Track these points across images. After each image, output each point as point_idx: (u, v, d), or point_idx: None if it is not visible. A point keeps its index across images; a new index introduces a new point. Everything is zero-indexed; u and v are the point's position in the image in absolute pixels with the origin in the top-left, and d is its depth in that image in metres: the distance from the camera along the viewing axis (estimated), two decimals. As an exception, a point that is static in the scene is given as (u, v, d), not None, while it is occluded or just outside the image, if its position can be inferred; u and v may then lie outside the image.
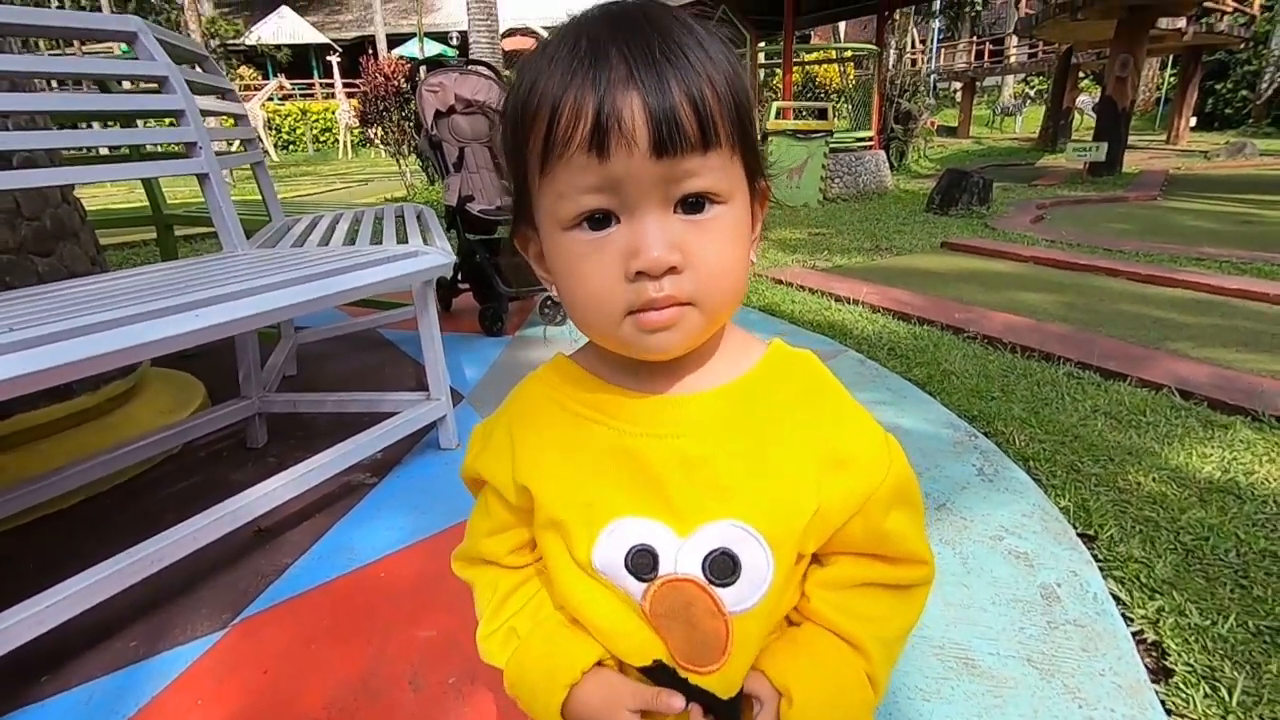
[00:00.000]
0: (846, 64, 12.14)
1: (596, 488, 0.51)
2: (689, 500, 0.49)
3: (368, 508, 1.82)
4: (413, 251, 1.85)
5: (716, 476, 0.50)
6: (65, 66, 1.65)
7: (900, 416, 2.25)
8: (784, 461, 0.50)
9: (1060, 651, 1.24)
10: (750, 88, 0.49)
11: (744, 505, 0.49)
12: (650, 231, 0.44)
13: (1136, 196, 7.85)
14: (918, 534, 0.55)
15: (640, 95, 0.41)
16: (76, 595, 1.22)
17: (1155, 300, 3.79)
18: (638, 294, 0.44)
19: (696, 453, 0.50)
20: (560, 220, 0.46)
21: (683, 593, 0.49)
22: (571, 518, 0.51)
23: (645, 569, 0.50)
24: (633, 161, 0.42)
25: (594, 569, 0.51)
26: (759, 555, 0.49)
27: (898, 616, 0.56)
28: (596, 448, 0.52)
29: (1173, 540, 1.62)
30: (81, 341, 1.16)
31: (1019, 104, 22.64)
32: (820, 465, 0.51)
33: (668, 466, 0.50)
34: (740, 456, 0.50)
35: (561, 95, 0.42)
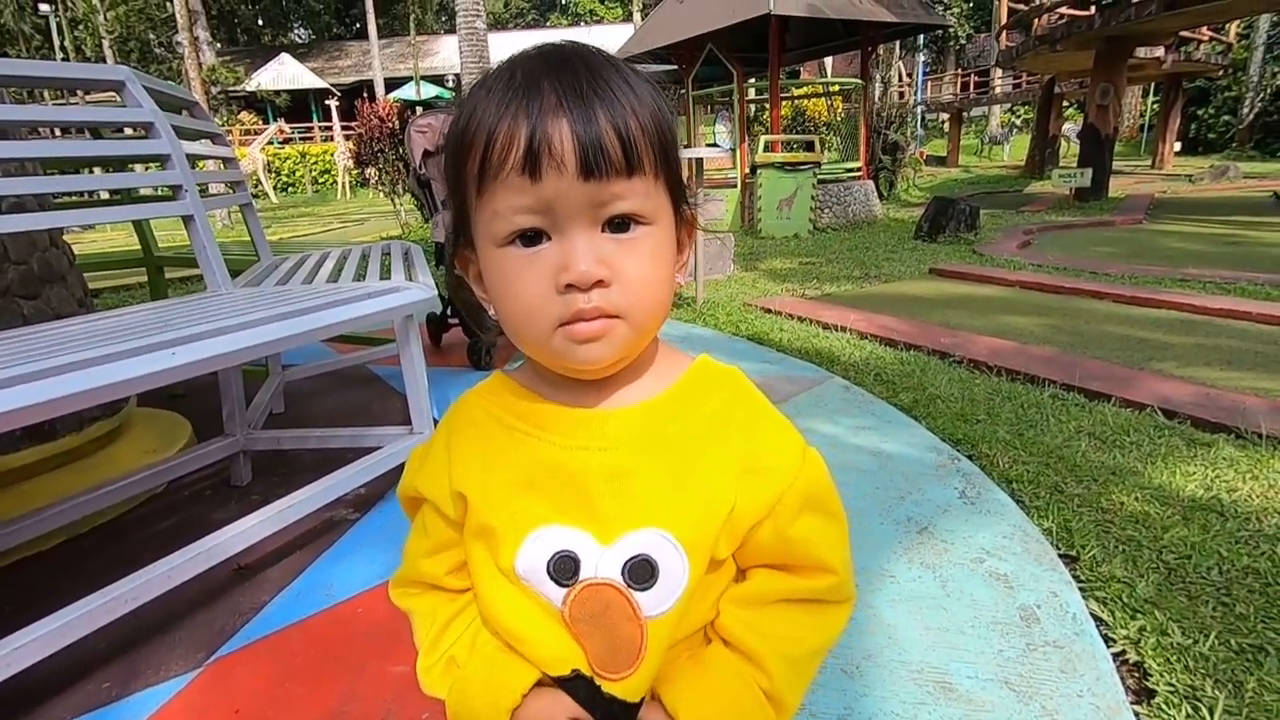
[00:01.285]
0: (834, 98, 12.40)
1: (526, 498, 0.53)
2: (613, 511, 0.51)
3: (349, 544, 1.81)
4: (395, 287, 1.88)
5: (640, 488, 0.51)
6: (55, 115, 1.69)
7: (884, 441, 2.26)
8: (705, 472, 0.52)
9: (1038, 673, 1.23)
10: (674, 125, 0.52)
11: (666, 515, 0.51)
12: (579, 247, 0.47)
13: (1122, 220, 7.95)
14: (829, 543, 0.55)
15: (569, 122, 0.45)
16: (48, 636, 1.21)
17: (1140, 321, 3.82)
18: (567, 306, 0.47)
19: (622, 465, 0.51)
20: (495, 238, 0.48)
21: (602, 596, 0.50)
22: (499, 525, 0.53)
23: (566, 574, 0.51)
24: (562, 183, 0.45)
25: (517, 575, 0.52)
26: (676, 561, 0.50)
27: (808, 634, 0.55)
28: (528, 460, 0.53)
29: (1155, 559, 1.62)
30: (58, 380, 1.17)
31: (1006, 133, 23.07)
32: (737, 472, 0.52)
33: (595, 478, 0.51)
34: (664, 468, 0.52)
35: (497, 122, 0.46)
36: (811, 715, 1.16)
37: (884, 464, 2.08)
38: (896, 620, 1.39)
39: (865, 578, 1.53)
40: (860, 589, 1.50)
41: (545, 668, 0.53)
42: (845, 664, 1.27)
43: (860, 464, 2.10)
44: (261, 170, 18.16)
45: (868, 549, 1.65)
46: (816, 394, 2.73)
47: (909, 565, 1.57)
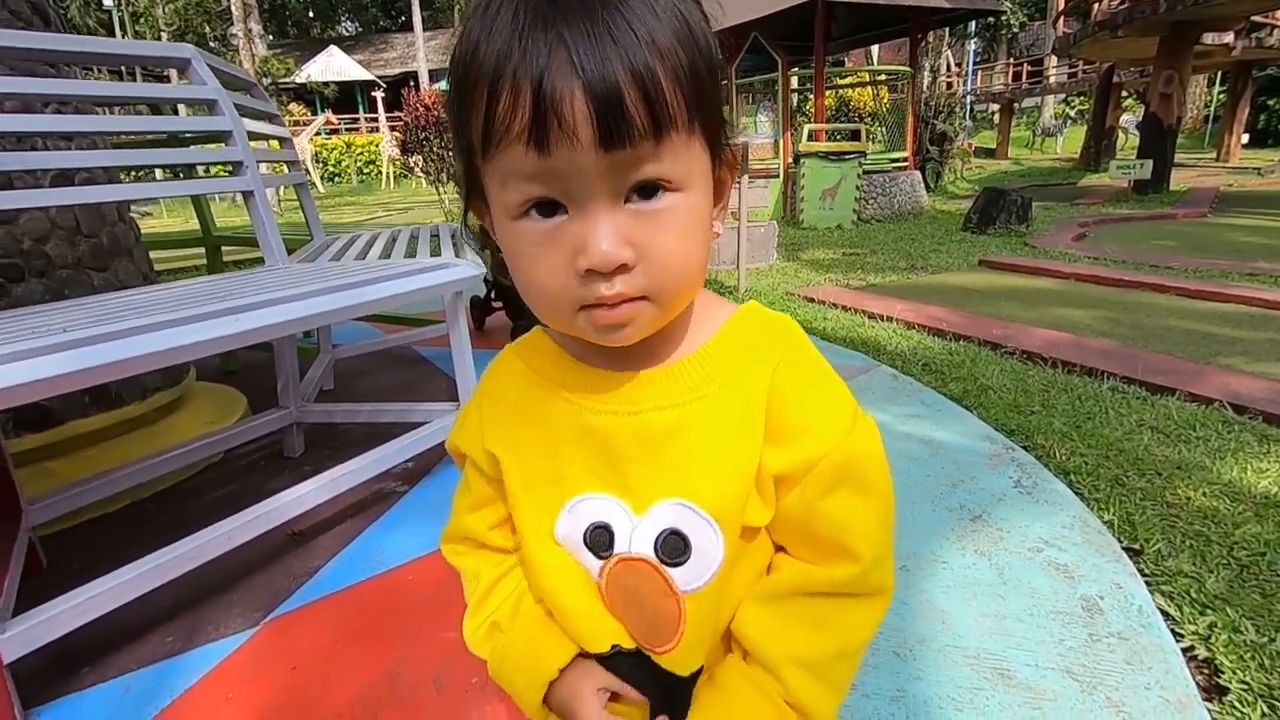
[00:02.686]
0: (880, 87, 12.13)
1: (560, 463, 0.51)
2: (644, 478, 0.49)
3: (398, 514, 1.84)
4: (444, 264, 1.90)
5: (669, 455, 0.48)
6: (124, 91, 1.75)
7: (935, 430, 2.20)
8: (736, 436, 0.48)
9: (1103, 664, 1.18)
10: (714, 52, 0.44)
11: (694, 484, 0.48)
12: (599, 227, 0.40)
13: (1185, 214, 7.61)
14: (859, 526, 0.48)
15: (583, 83, 0.37)
16: (116, 589, 1.26)
17: (1206, 316, 3.65)
18: (588, 290, 0.42)
19: (652, 430, 0.48)
20: (506, 209, 0.43)
21: (636, 572, 0.49)
22: (536, 491, 0.52)
23: (602, 546, 0.50)
24: (576, 155, 0.39)
25: (557, 540, 0.52)
26: (709, 535, 0.48)
27: (829, 636, 0.50)
28: (561, 423, 0.51)
29: (1225, 555, 1.55)
30: (129, 341, 1.21)
31: (1060, 124, 22.28)
32: (771, 433, 0.48)
33: (626, 444, 0.49)
34: (694, 433, 0.48)
35: (498, 74, 0.38)
36: (864, 696, 1.14)
37: (935, 452, 2.03)
38: (950, 606, 1.35)
39: (916, 563, 1.50)
40: (911, 574, 1.46)
41: (585, 644, 0.51)
42: (897, 646, 1.24)
43: (910, 451, 2.05)
44: (309, 160, 18.57)
45: (918, 535, 1.61)
46: (863, 382, 2.67)
47: (962, 552, 1.53)
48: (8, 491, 1.56)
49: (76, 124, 1.60)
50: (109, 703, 1.22)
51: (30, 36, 1.55)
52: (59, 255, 1.90)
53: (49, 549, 1.65)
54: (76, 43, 1.63)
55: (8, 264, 1.78)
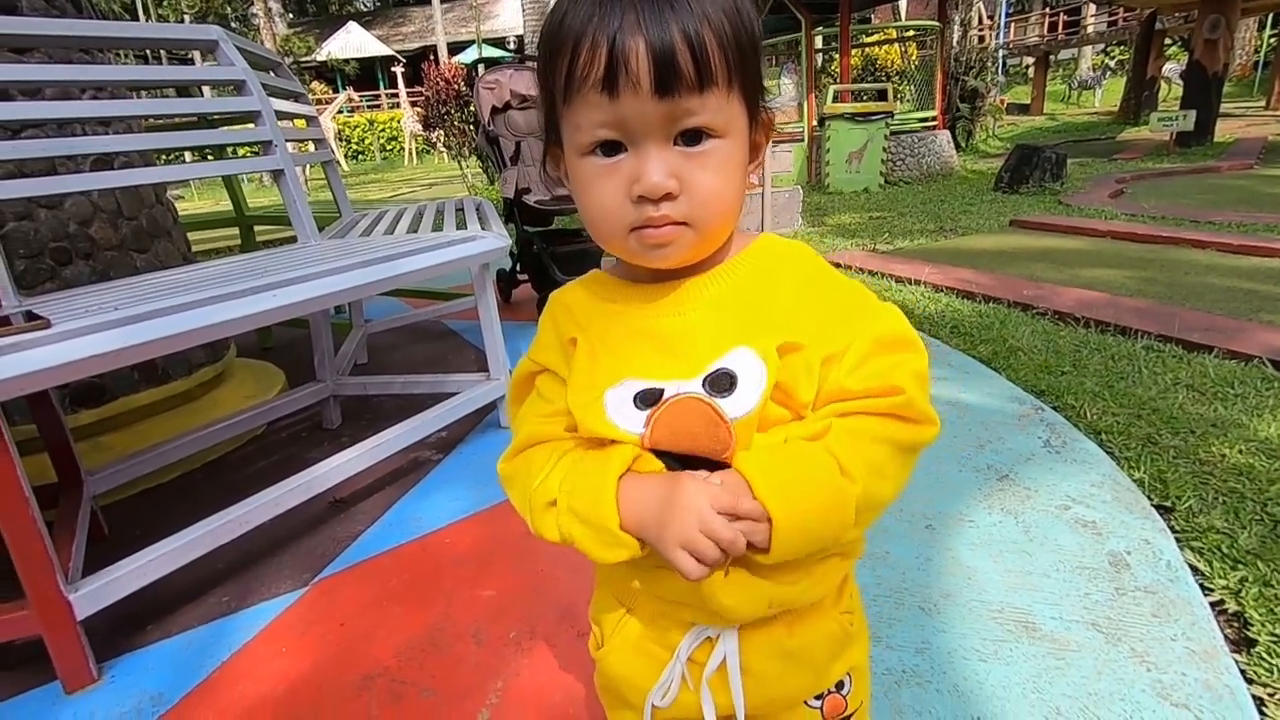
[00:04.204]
0: (908, 43, 11.76)
1: (619, 358, 0.57)
2: (694, 358, 0.54)
3: (433, 481, 1.91)
4: (471, 236, 1.93)
5: (713, 335, 0.55)
6: (156, 74, 1.79)
7: (963, 391, 2.19)
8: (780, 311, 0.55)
9: (1128, 617, 1.19)
10: (755, 25, 0.53)
11: (742, 335, 0.54)
12: (651, 162, 0.50)
13: (1230, 166, 7.31)
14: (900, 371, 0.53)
15: (645, 41, 0.46)
16: (174, 552, 1.34)
17: (1248, 272, 3.54)
18: (639, 213, 0.51)
19: (697, 321, 0.55)
20: (579, 148, 0.52)
21: (685, 409, 0.52)
22: (599, 366, 0.57)
23: (649, 401, 0.54)
24: (638, 101, 0.48)
25: (604, 408, 0.54)
26: (754, 366, 0.52)
27: (881, 434, 0.53)
28: (618, 329, 0.58)
29: (1259, 511, 1.53)
30: (177, 318, 1.27)
31: (1098, 76, 21.34)
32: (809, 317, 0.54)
33: (678, 337, 0.55)
34: (740, 315, 0.55)
35: (580, 36, 0.48)
36: (889, 648, 1.17)
37: (962, 413, 2.03)
38: (976, 563, 1.37)
39: (943, 521, 1.52)
40: (937, 531, 1.48)
41: None
42: (923, 601, 1.27)
43: (937, 413, 2.04)
44: (332, 139, 18.69)
45: (945, 494, 1.62)
46: (890, 346, 2.66)
47: (988, 511, 1.54)
48: (70, 464, 1.65)
49: (114, 109, 1.65)
50: (172, 656, 1.30)
51: (66, 24, 1.60)
52: (103, 238, 1.97)
53: (109, 518, 1.75)
54: (109, 28, 1.68)
55: (56, 247, 1.86)
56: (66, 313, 1.31)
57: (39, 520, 1.16)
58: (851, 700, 0.65)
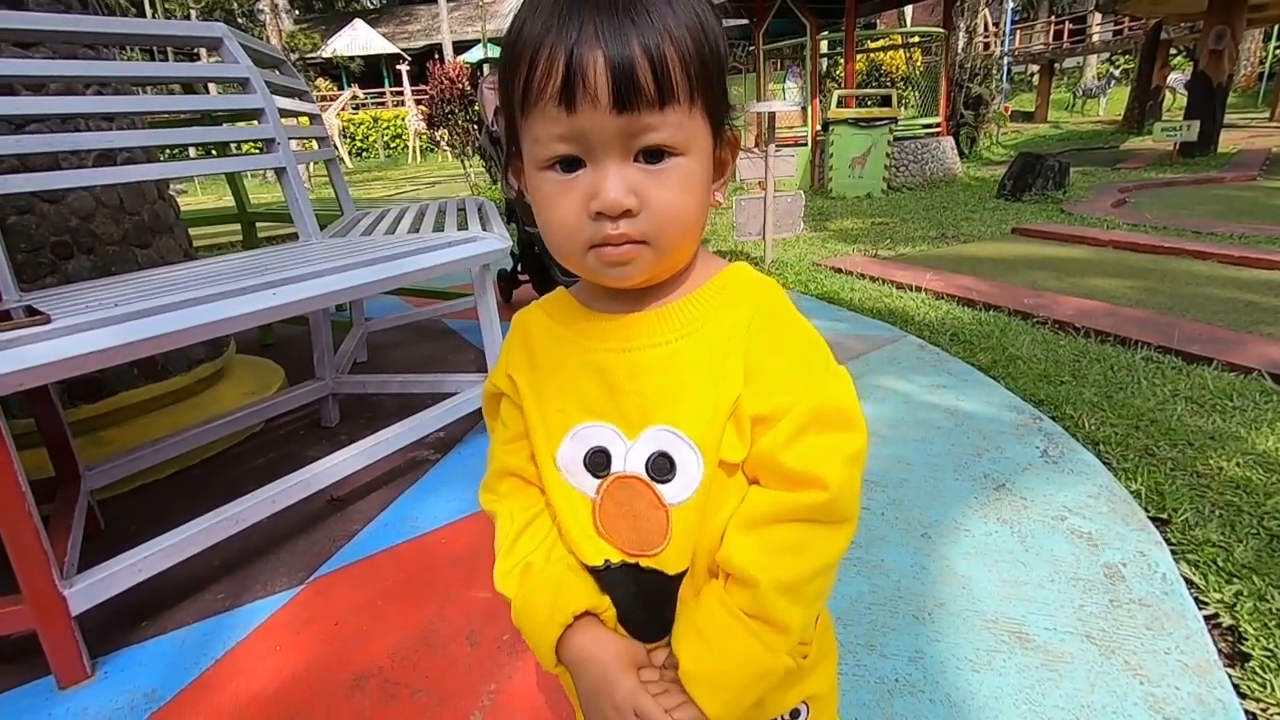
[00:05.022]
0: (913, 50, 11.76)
1: (568, 394, 0.58)
2: (636, 407, 0.55)
3: (430, 481, 1.91)
4: (472, 237, 1.93)
5: (656, 386, 0.55)
6: (162, 71, 1.79)
7: (961, 400, 2.19)
8: (715, 374, 0.53)
9: (1122, 629, 1.19)
10: (720, 44, 0.52)
11: (676, 412, 0.54)
12: (609, 178, 0.49)
13: (1233, 177, 7.32)
14: (829, 458, 0.52)
15: (604, 54, 0.45)
16: (170, 548, 1.34)
17: (1248, 284, 3.54)
18: (597, 230, 0.50)
19: (642, 364, 0.55)
20: (536, 161, 0.51)
21: (629, 488, 0.55)
22: (548, 418, 0.58)
23: (600, 467, 0.56)
24: (596, 115, 0.47)
25: (557, 467, 0.57)
26: (690, 457, 0.54)
27: (799, 558, 0.53)
28: (570, 360, 0.58)
29: (1256, 525, 1.53)
30: (177, 315, 1.27)
31: (1103, 85, 21.35)
32: (750, 381, 0.53)
33: (621, 377, 0.55)
34: (678, 367, 0.54)
35: (538, 48, 0.47)
36: (883, 656, 1.17)
37: (960, 422, 2.03)
38: (971, 572, 1.37)
39: (938, 530, 1.52)
40: (932, 540, 1.48)
41: (584, 558, 0.57)
42: (917, 610, 1.27)
43: (935, 421, 2.05)
44: (336, 136, 18.72)
45: (940, 503, 1.62)
46: (889, 352, 2.66)
47: (984, 520, 1.54)
48: (68, 458, 1.65)
49: (118, 104, 1.65)
50: (167, 653, 1.30)
51: (73, 19, 1.60)
52: (105, 232, 1.97)
53: (105, 512, 1.75)
54: (114, 24, 1.68)
55: (58, 241, 1.86)
56: (67, 308, 1.31)
57: (35, 515, 1.16)
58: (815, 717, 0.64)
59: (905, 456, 1.85)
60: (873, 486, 1.71)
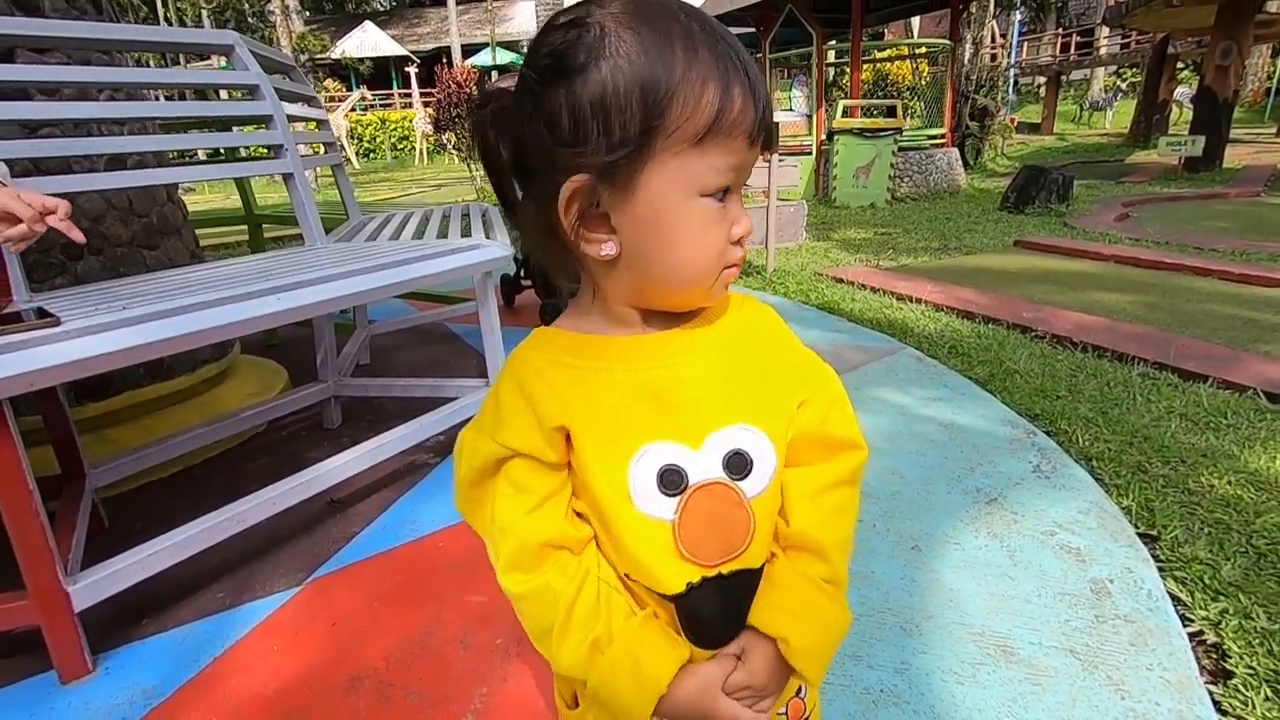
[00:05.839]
0: (919, 60, 11.80)
1: (615, 425, 0.56)
2: (692, 415, 0.56)
3: (429, 485, 1.93)
4: (475, 244, 1.96)
5: (713, 393, 0.57)
6: (173, 77, 1.83)
7: (956, 413, 2.21)
8: (771, 373, 0.60)
9: (1106, 645, 1.21)
10: None
11: (745, 410, 0.57)
12: (743, 209, 0.55)
13: (1237, 193, 7.32)
14: (857, 426, 0.63)
15: (766, 99, 0.53)
16: (173, 547, 1.36)
17: (1249, 300, 3.55)
18: (732, 254, 0.55)
19: (694, 376, 0.57)
20: (703, 188, 0.52)
21: (713, 495, 0.56)
22: (603, 454, 0.55)
23: (674, 486, 0.55)
24: (753, 153, 0.53)
25: (631, 500, 0.55)
26: (765, 448, 0.57)
27: (849, 516, 0.63)
28: (612, 391, 0.56)
29: (1244, 543, 1.55)
30: (185, 318, 1.30)
31: (1110, 97, 21.38)
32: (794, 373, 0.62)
33: (672, 392, 0.56)
34: (733, 372, 0.58)
35: (726, 85, 0.49)
36: (869, 667, 1.18)
37: (954, 435, 2.05)
38: (959, 585, 1.39)
39: (928, 543, 1.53)
40: (922, 553, 1.50)
41: (662, 588, 0.56)
42: (904, 622, 1.29)
43: (930, 434, 2.07)
44: (344, 136, 18.80)
45: (932, 516, 1.64)
46: (888, 364, 2.68)
47: (975, 534, 1.56)
48: (73, 456, 1.68)
49: (131, 110, 1.68)
50: (167, 651, 1.32)
51: (87, 27, 1.64)
52: (114, 234, 2.01)
53: (109, 510, 1.78)
54: (128, 31, 1.72)
55: (68, 243, 1.88)
56: (76, 310, 1.34)
57: (41, 513, 1.19)
58: (809, 700, 0.68)
59: (899, 469, 1.87)
60: (866, 498, 1.73)
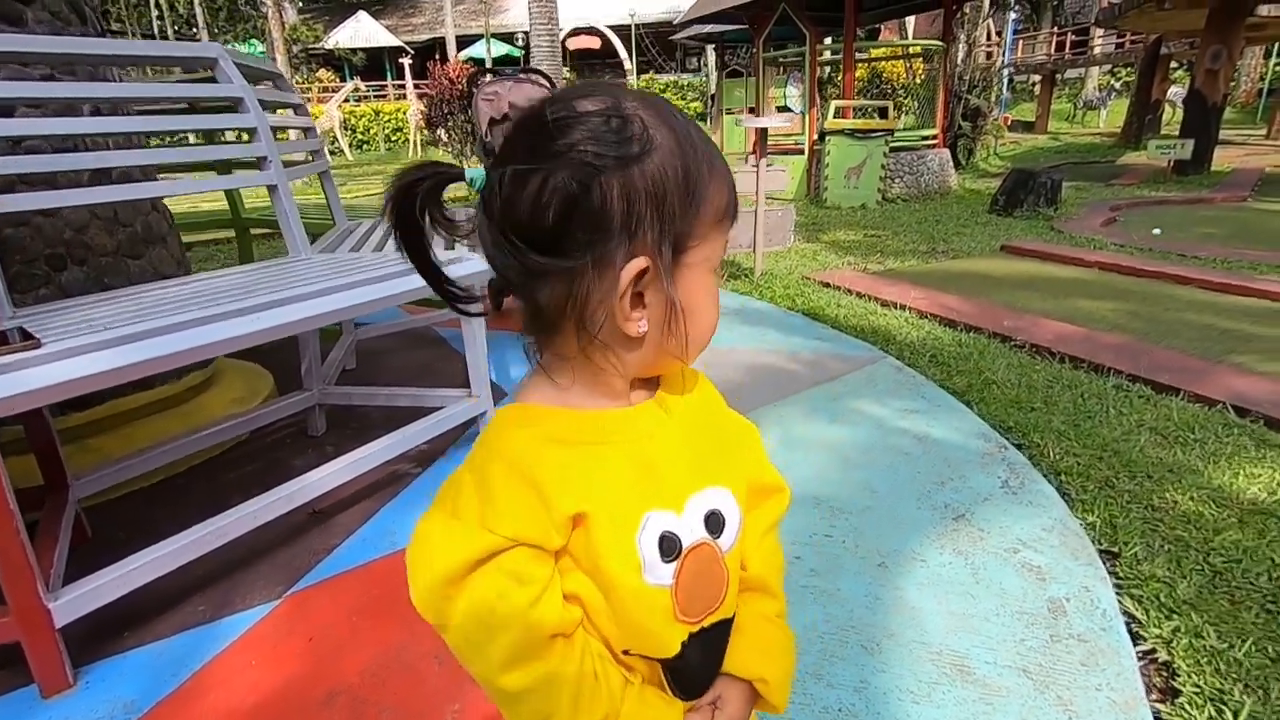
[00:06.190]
0: (914, 60, 11.81)
1: (625, 499, 0.57)
2: (677, 482, 0.60)
3: (411, 495, 1.96)
4: (458, 258, 1.98)
5: (689, 456, 0.61)
6: (158, 90, 1.84)
7: (931, 426, 2.25)
8: (733, 435, 0.67)
9: (1059, 665, 1.25)
10: None
11: (721, 474, 0.62)
12: None
13: (1224, 198, 7.38)
14: (774, 469, 0.70)
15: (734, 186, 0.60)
16: (154, 562, 1.39)
17: (1227, 310, 3.60)
18: None
19: (678, 442, 0.61)
20: (715, 264, 0.58)
21: (702, 556, 0.60)
22: (617, 532, 0.56)
23: (671, 551, 0.57)
24: None
25: (640, 569, 0.56)
26: (733, 505, 0.62)
27: (780, 552, 0.71)
28: (615, 468, 0.57)
29: (1201, 561, 1.59)
30: (168, 339, 1.33)
31: (1104, 96, 21.42)
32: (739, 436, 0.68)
33: (661, 459, 0.59)
34: (706, 438, 0.63)
35: (727, 177, 0.57)
36: (829, 686, 1.22)
37: (928, 449, 2.09)
38: (921, 603, 1.43)
39: (895, 560, 1.57)
40: (888, 570, 1.54)
41: (663, 653, 0.59)
42: (866, 640, 1.33)
43: (904, 447, 2.11)
44: (338, 127, 18.70)
45: (900, 532, 1.68)
46: (868, 373, 2.72)
47: (940, 551, 1.60)
48: (56, 467, 1.70)
49: (116, 125, 1.70)
50: (147, 664, 1.35)
51: (72, 42, 1.65)
52: (99, 244, 2.02)
53: (92, 519, 1.80)
54: (113, 46, 1.73)
55: (52, 254, 1.90)
56: (59, 329, 1.36)
57: (22, 531, 1.21)
58: None
59: (872, 483, 1.91)
60: (837, 513, 1.77)
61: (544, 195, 0.49)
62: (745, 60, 15.29)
